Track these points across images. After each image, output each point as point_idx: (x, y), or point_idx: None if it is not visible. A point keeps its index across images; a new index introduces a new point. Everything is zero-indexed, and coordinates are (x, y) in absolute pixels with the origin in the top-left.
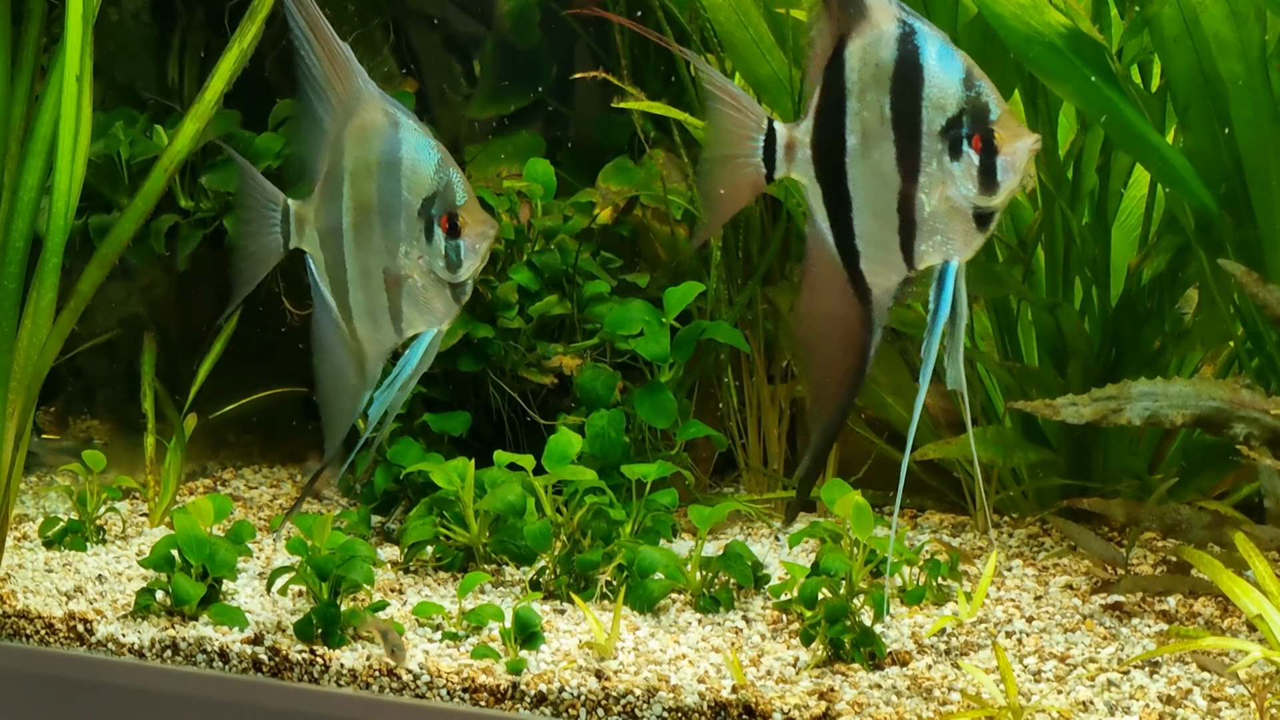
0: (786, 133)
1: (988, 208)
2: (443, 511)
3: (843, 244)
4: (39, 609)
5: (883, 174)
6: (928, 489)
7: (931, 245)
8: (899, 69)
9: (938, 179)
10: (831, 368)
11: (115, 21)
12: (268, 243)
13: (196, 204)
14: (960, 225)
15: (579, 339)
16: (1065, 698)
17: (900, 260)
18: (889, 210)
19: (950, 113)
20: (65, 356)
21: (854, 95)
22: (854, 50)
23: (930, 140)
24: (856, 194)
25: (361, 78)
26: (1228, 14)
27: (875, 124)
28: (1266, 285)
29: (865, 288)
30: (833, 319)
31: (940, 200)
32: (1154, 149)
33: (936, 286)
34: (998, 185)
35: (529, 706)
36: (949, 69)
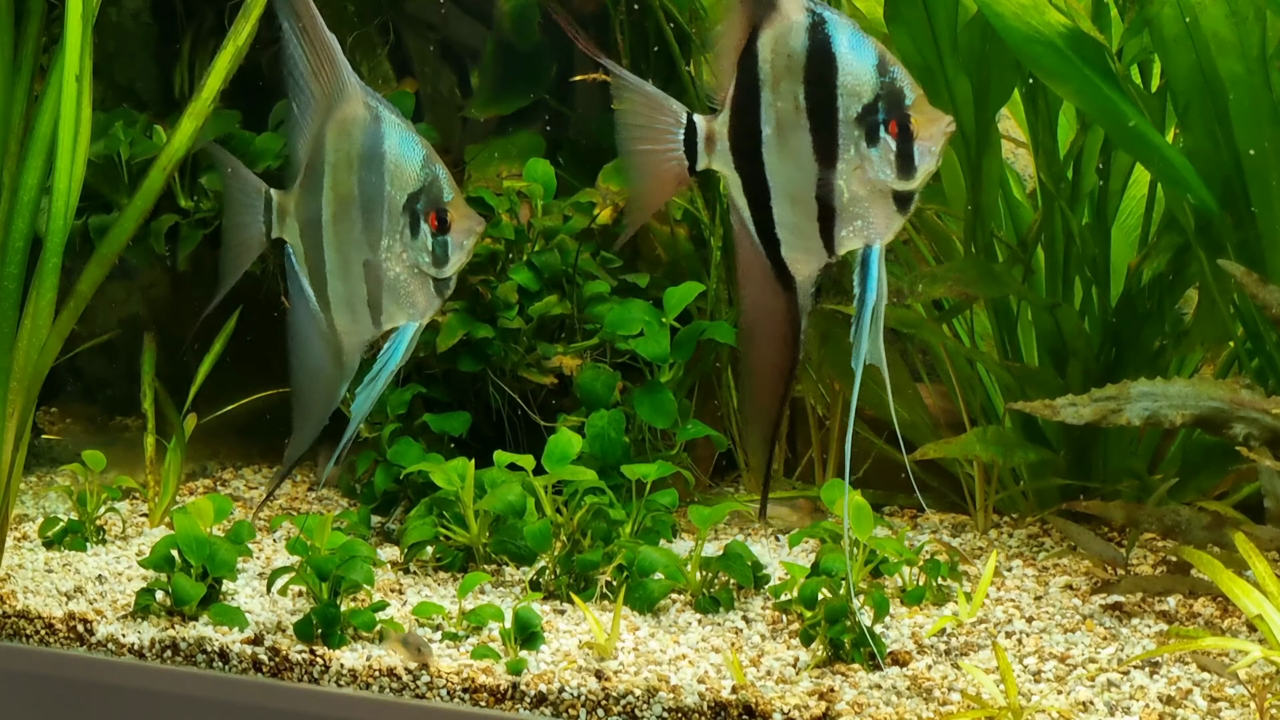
0: (705, 125)
1: (906, 191)
2: (443, 511)
3: (764, 233)
4: (39, 609)
5: (800, 162)
6: (928, 489)
7: (852, 230)
8: (811, 58)
9: (855, 165)
10: (766, 359)
11: (115, 22)
12: (251, 232)
13: (196, 204)
14: (880, 209)
15: (579, 339)
16: (1065, 698)
17: (820, 247)
18: (807, 198)
19: (866, 99)
20: (65, 356)
21: (768, 86)
22: (766, 41)
23: (846, 127)
24: (775, 183)
25: (346, 71)
26: (1227, 14)
27: (790, 113)
28: (1266, 285)
29: (788, 275)
30: (763, 310)
31: (859, 186)
32: (1154, 149)
33: (861, 271)
34: (915, 169)
35: (529, 707)
36: (862, 56)
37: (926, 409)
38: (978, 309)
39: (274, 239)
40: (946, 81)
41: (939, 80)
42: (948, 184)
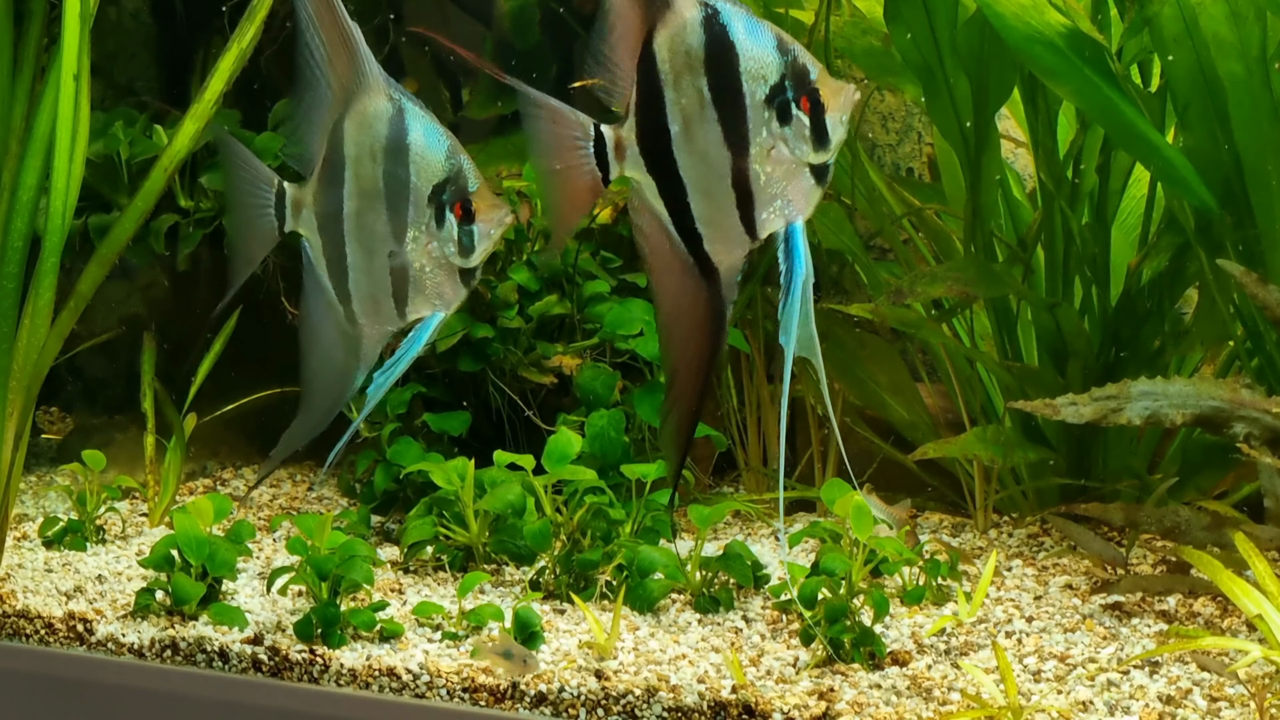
0: (613, 134)
1: (822, 164)
2: (442, 511)
3: (683, 230)
4: (39, 609)
5: (713, 154)
6: (928, 489)
7: (773, 212)
8: (710, 50)
9: (769, 146)
10: (686, 353)
11: (115, 21)
12: (261, 226)
13: (196, 204)
14: (798, 186)
15: (579, 339)
16: (1065, 697)
17: (743, 234)
18: (724, 188)
19: (772, 80)
20: (65, 356)
21: (670, 85)
22: (662, 41)
23: (755, 111)
24: (689, 178)
25: (369, 61)
26: (1227, 14)
27: (696, 108)
28: (1266, 285)
29: (711, 268)
30: (683, 304)
31: (774, 167)
32: (1154, 148)
33: (786, 250)
34: (830, 140)
35: (529, 706)
36: (761, 40)
37: (926, 409)
38: (978, 309)
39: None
40: (946, 81)
41: (939, 80)
42: (948, 184)
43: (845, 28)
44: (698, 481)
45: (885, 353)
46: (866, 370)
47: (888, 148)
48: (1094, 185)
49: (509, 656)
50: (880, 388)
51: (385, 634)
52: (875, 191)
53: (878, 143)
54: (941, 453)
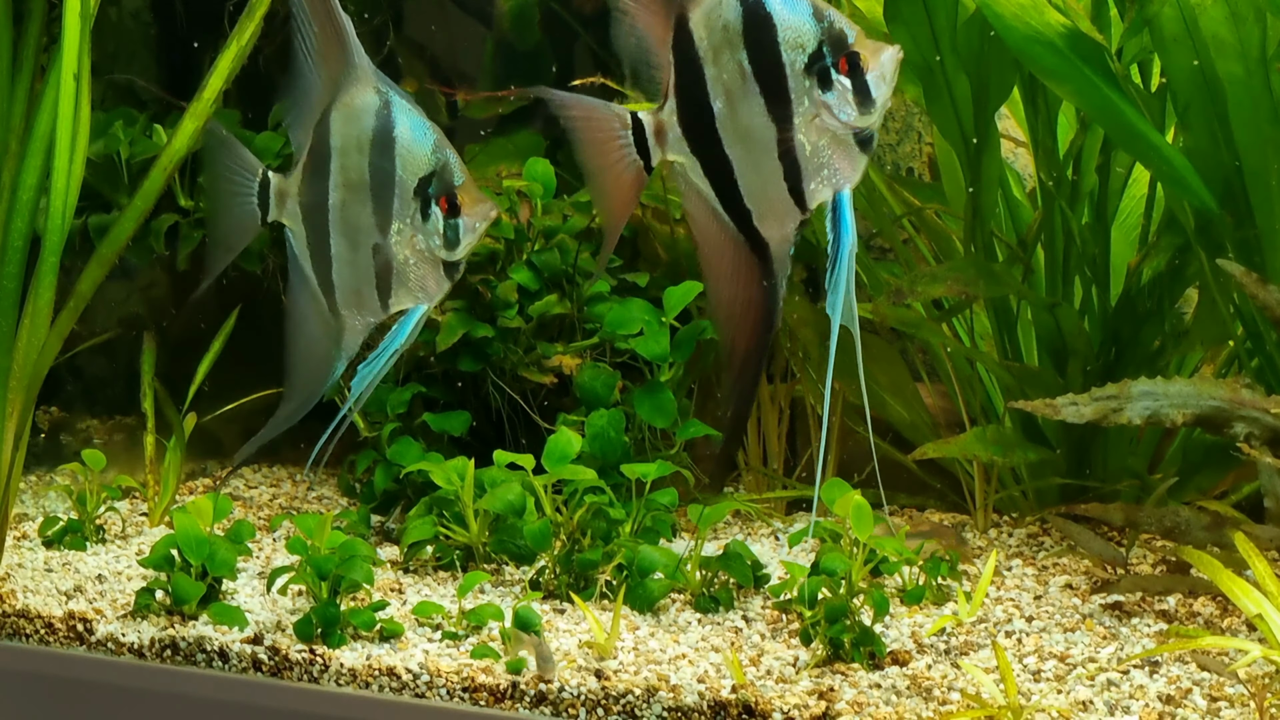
0: (653, 119)
1: (867, 128)
2: (442, 511)
3: (733, 209)
4: (39, 608)
5: (758, 128)
6: (928, 489)
7: (821, 181)
8: (749, 23)
9: (812, 115)
10: (744, 328)
11: (115, 21)
12: (243, 214)
13: (196, 204)
14: (844, 153)
15: (579, 339)
16: (1065, 697)
17: (793, 207)
18: (771, 161)
19: (811, 48)
20: (65, 356)
21: (709, 62)
22: (698, 21)
23: (797, 80)
24: (735, 155)
25: (357, 54)
26: (1227, 15)
27: (737, 83)
28: (1266, 286)
29: (763, 244)
30: (738, 282)
31: (819, 135)
32: (1154, 148)
33: (834, 218)
34: (874, 101)
35: (529, 706)
36: (797, 9)
37: (926, 409)
38: (978, 309)
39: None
40: (946, 81)
41: (939, 80)
42: (948, 184)
43: None
44: (697, 481)
45: (885, 353)
46: (867, 370)
47: (888, 148)
48: (1094, 185)
49: (539, 649)
50: (880, 388)
51: (385, 634)
52: (875, 191)
53: (878, 142)
54: (941, 453)
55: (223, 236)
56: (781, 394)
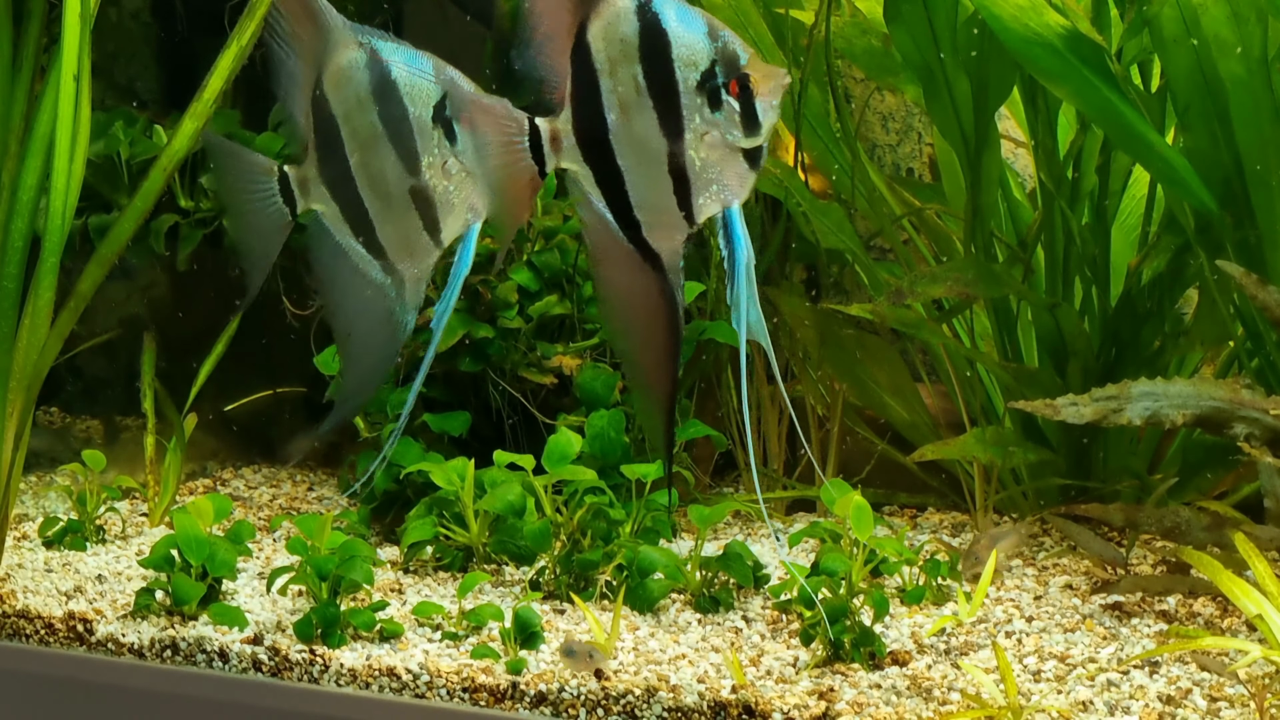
0: (548, 126)
1: (754, 148)
2: (443, 511)
3: (622, 219)
4: (39, 609)
5: (650, 141)
6: (928, 489)
7: (708, 197)
8: (645, 38)
9: (703, 132)
10: (649, 343)
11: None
12: (271, 216)
13: (196, 204)
14: (732, 170)
15: (579, 339)
16: (1065, 697)
17: (681, 220)
18: (661, 174)
19: (703, 66)
20: (65, 356)
21: (606, 74)
22: (596, 31)
23: (689, 97)
24: (627, 166)
25: (330, 15)
26: (1228, 15)
27: (632, 96)
28: (1265, 286)
29: (654, 255)
30: (633, 296)
31: (709, 151)
32: (1153, 149)
33: (725, 234)
34: (760, 124)
35: (529, 706)
36: (693, 27)
37: (926, 409)
38: (978, 309)
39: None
40: (946, 81)
41: (939, 80)
42: (948, 184)
43: (845, 28)
44: (698, 481)
45: (885, 353)
46: (866, 370)
47: (888, 148)
48: (1094, 185)
49: (592, 656)
50: (880, 388)
51: (385, 634)
52: (875, 192)
53: (878, 143)
54: (941, 454)
55: (256, 244)
56: (781, 394)
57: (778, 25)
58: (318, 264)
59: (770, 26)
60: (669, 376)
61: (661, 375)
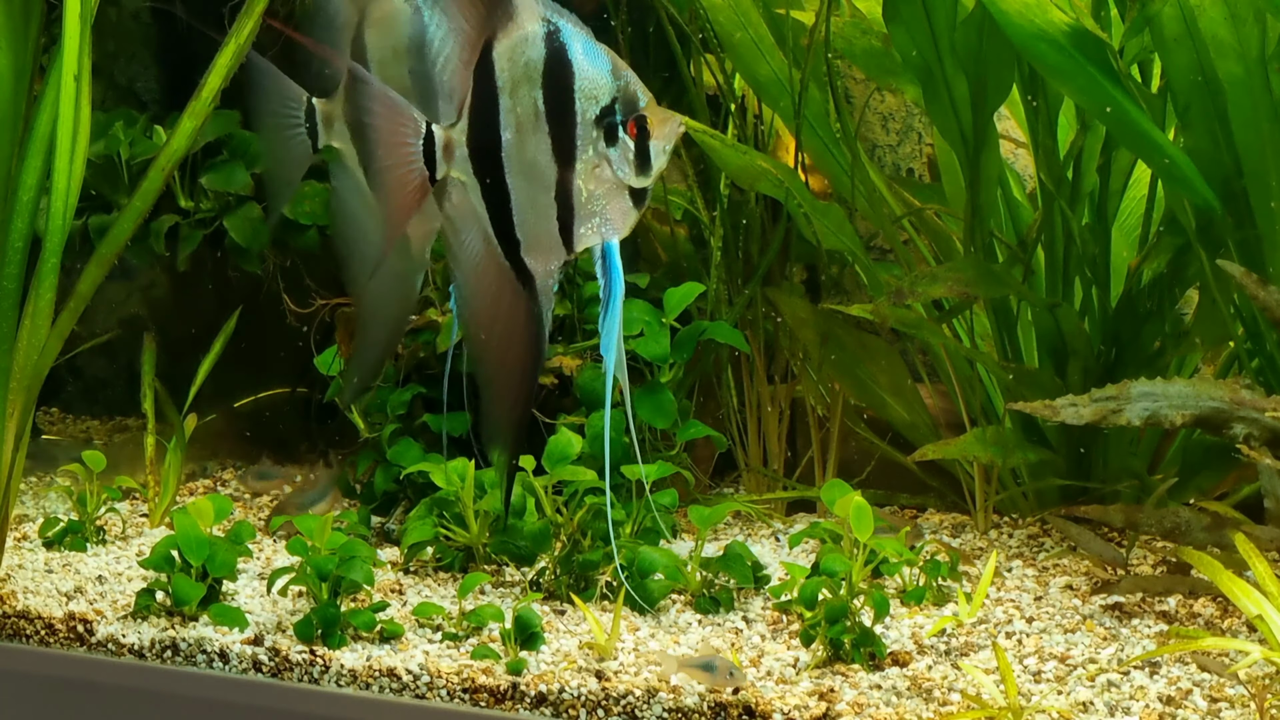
0: (444, 134)
1: (641, 188)
2: (443, 512)
3: (503, 235)
4: (39, 609)
5: (539, 165)
6: (928, 489)
7: (590, 228)
8: (550, 64)
9: (594, 164)
10: (507, 357)
11: (115, 21)
12: (295, 145)
13: (196, 204)
14: (617, 206)
15: (579, 339)
16: (1065, 698)
17: (560, 245)
18: (547, 199)
19: (603, 102)
20: (65, 356)
21: (506, 93)
22: (502, 50)
23: (584, 129)
24: (515, 184)
25: None
26: (1226, 15)
27: (529, 118)
28: (1266, 286)
29: (528, 274)
30: (500, 310)
31: (596, 184)
32: (1157, 147)
33: (603, 265)
34: (651, 166)
35: (529, 707)
36: (597, 63)
37: (926, 409)
38: (978, 309)
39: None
40: (946, 81)
41: (938, 80)
42: (948, 184)
43: (845, 28)
44: (698, 482)
45: (885, 353)
46: (867, 371)
47: (888, 148)
48: (1094, 186)
49: (711, 669)
50: (880, 388)
51: (385, 635)
52: (875, 192)
53: (878, 143)
54: (941, 454)
55: (280, 170)
56: (781, 395)
57: (778, 25)
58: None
59: (770, 26)
60: (524, 393)
61: (516, 391)
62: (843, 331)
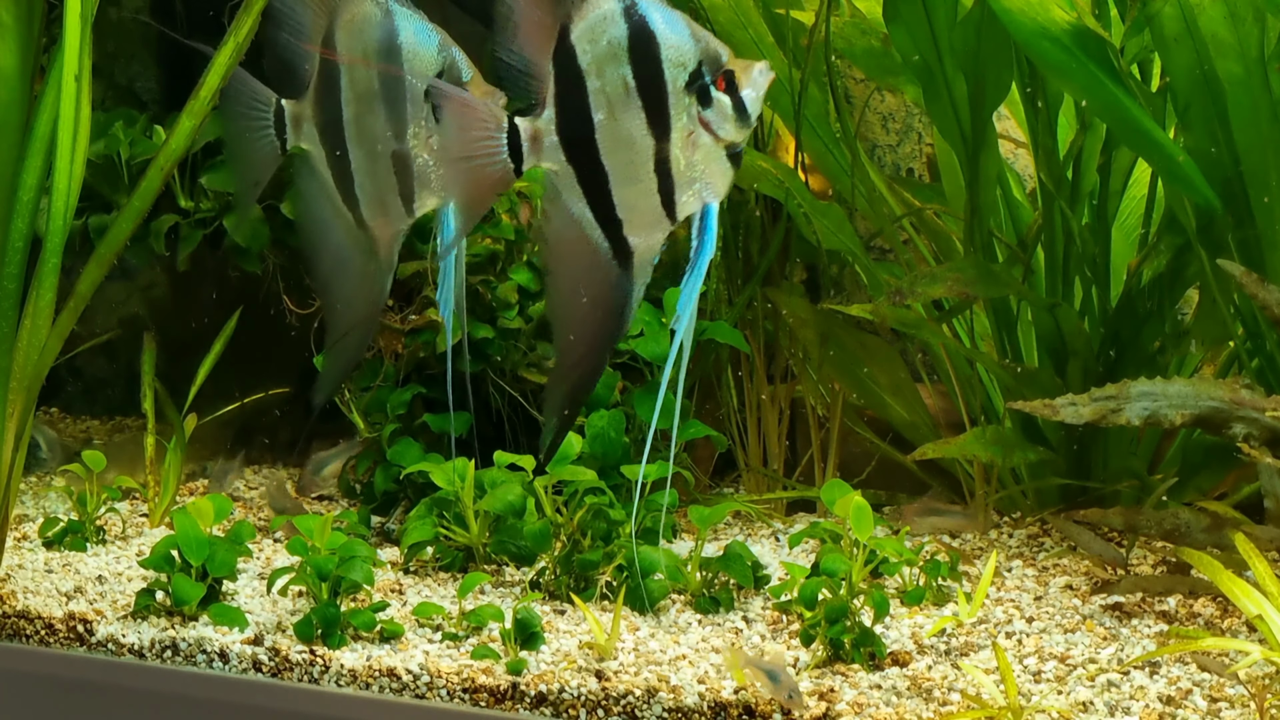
0: (530, 125)
1: (739, 143)
2: (443, 512)
3: (604, 218)
4: (39, 609)
5: (636, 142)
6: (928, 489)
7: (691, 195)
8: (634, 39)
9: (689, 131)
10: (586, 332)
11: (115, 21)
12: (262, 146)
13: (196, 204)
14: (717, 167)
15: None
16: (1065, 698)
17: (663, 218)
18: (647, 173)
19: (691, 66)
20: (65, 356)
21: (593, 75)
22: (581, 33)
23: (677, 97)
24: (612, 166)
25: None
26: (1226, 15)
27: (620, 97)
28: (1266, 285)
29: (628, 252)
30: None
31: (695, 150)
32: (1159, 146)
33: (700, 228)
34: (749, 116)
35: (529, 707)
36: (677, 29)
37: (926, 409)
38: (978, 309)
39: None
40: (946, 81)
41: (938, 80)
42: (947, 183)
43: (845, 28)
44: (698, 482)
45: (885, 353)
46: (867, 371)
47: (888, 148)
48: (1094, 186)
49: (775, 680)
50: (880, 388)
51: (385, 634)
52: (875, 192)
53: (878, 143)
54: (941, 453)
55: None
56: (781, 394)
57: (778, 25)
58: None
59: (770, 26)
60: (594, 370)
61: (587, 370)
62: (843, 331)
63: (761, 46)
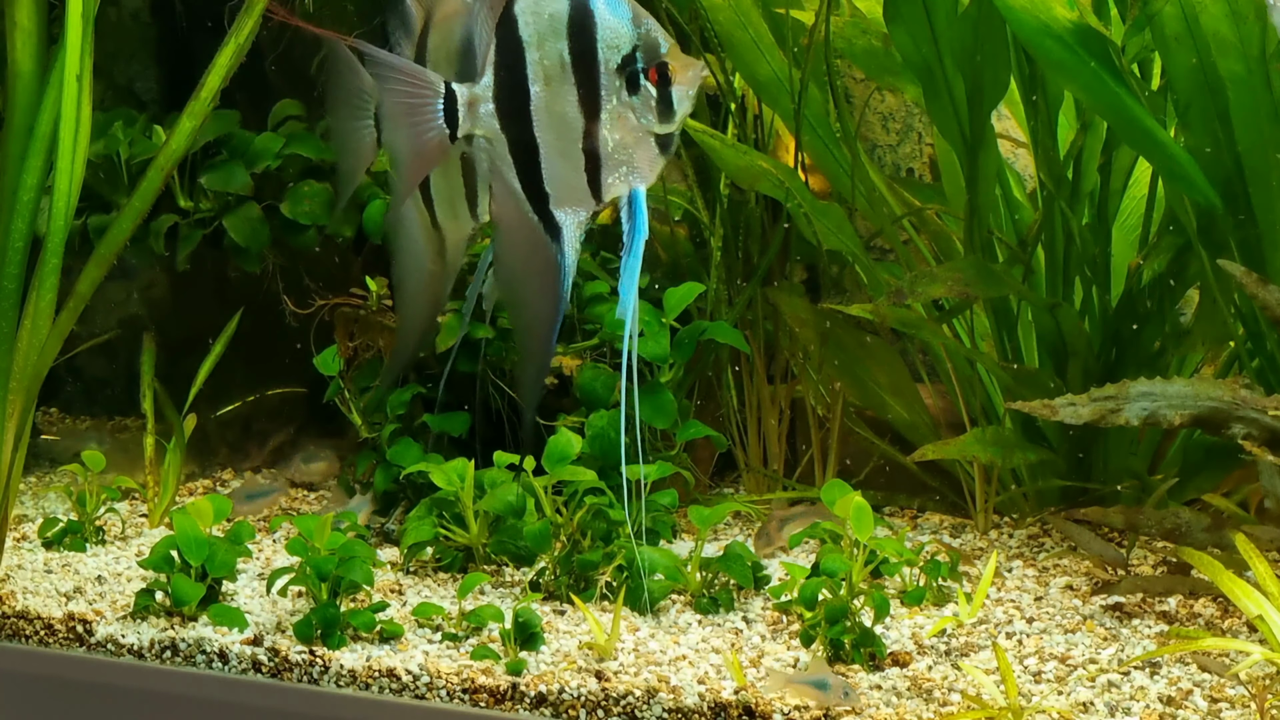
0: (467, 92)
1: (666, 134)
2: (442, 512)
3: (531, 189)
4: (38, 610)
5: (567, 117)
6: (928, 490)
7: (618, 177)
8: (574, 15)
9: (618, 114)
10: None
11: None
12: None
13: (196, 204)
14: (643, 153)
15: (579, 339)
16: (1066, 699)
17: (589, 196)
18: (575, 150)
19: (625, 50)
20: (65, 356)
21: (533, 47)
22: (525, 6)
23: (609, 78)
24: (544, 138)
25: None
26: (1227, 13)
27: (556, 71)
28: (1266, 285)
29: (556, 227)
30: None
31: (623, 133)
32: (1160, 145)
33: (629, 211)
34: (675, 112)
35: (529, 707)
36: (618, 11)
37: (926, 409)
38: (978, 309)
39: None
40: (946, 80)
41: (938, 79)
42: (947, 183)
43: (845, 28)
44: (698, 482)
45: (885, 353)
46: (867, 371)
47: (888, 148)
48: (1094, 185)
49: (825, 688)
50: (880, 388)
51: (385, 635)
52: (875, 192)
53: (878, 143)
54: (941, 454)
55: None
56: (781, 394)
57: (778, 25)
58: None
59: (770, 26)
60: (548, 344)
61: (542, 342)
62: (843, 331)
63: (761, 46)
